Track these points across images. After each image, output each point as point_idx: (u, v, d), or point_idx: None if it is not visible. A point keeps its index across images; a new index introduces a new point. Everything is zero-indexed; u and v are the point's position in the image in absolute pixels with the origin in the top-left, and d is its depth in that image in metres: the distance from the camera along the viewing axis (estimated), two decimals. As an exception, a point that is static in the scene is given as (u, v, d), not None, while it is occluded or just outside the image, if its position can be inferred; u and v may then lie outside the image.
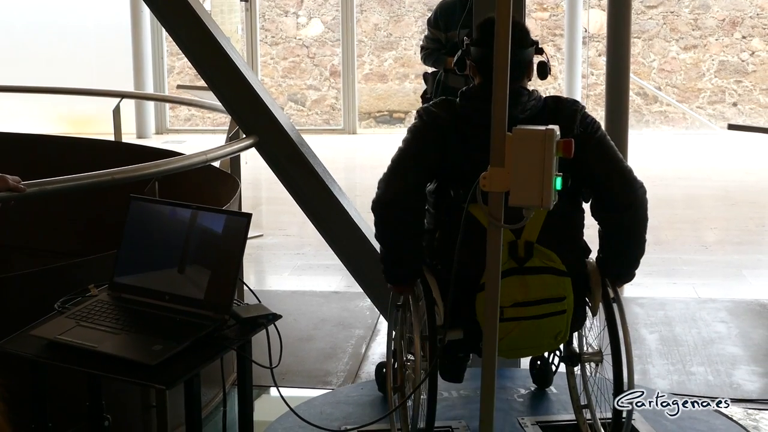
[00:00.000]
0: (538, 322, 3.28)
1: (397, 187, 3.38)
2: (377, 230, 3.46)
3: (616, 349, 3.35)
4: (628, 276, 3.56)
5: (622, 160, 3.44)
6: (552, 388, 4.26)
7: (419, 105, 6.05)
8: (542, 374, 4.27)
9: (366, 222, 4.98)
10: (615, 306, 3.42)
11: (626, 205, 3.40)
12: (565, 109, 3.39)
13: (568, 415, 3.93)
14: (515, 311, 3.23)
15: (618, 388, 3.37)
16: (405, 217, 3.39)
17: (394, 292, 3.63)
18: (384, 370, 4.14)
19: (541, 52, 3.45)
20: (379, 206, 3.41)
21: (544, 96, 3.45)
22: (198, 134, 13.22)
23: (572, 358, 3.72)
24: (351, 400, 4.22)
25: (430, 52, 6.11)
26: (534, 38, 3.46)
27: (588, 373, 3.77)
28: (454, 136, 3.35)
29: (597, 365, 3.64)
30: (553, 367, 4.16)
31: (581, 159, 3.23)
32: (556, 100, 3.45)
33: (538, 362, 4.28)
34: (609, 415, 3.51)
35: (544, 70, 3.46)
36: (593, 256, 3.55)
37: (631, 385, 3.39)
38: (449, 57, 5.79)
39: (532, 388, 4.29)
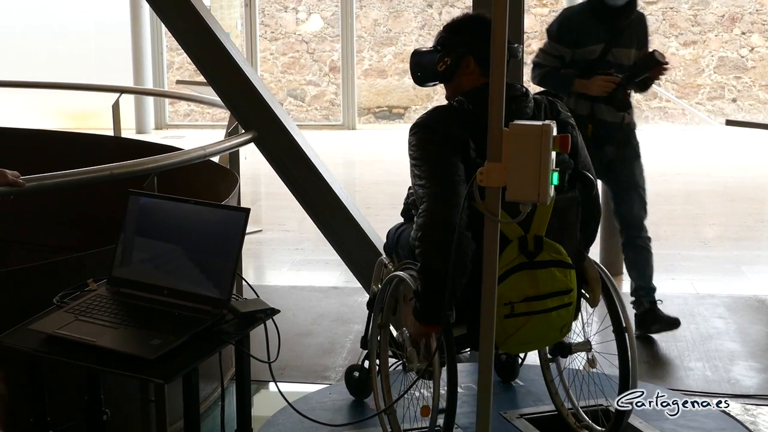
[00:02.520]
0: (547, 315, 3.30)
1: (451, 204, 3.10)
2: (431, 261, 3.11)
3: (622, 343, 3.38)
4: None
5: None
6: (518, 380, 4.23)
7: (419, 101, 5.93)
8: (509, 367, 4.23)
9: (364, 218, 4.99)
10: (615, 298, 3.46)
11: (596, 215, 3.56)
12: (559, 109, 3.44)
13: (548, 406, 3.92)
14: (526, 306, 3.24)
15: (624, 381, 3.42)
16: (465, 241, 3.11)
17: (421, 331, 3.25)
18: (355, 373, 4.12)
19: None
20: (436, 232, 3.10)
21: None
22: (197, 129, 13.23)
23: (563, 349, 3.71)
24: (349, 396, 4.22)
25: (548, 71, 4.99)
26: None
27: (579, 365, 3.78)
28: (462, 138, 3.27)
29: (587, 355, 3.65)
30: (520, 360, 4.16)
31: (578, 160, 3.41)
32: (549, 98, 3.46)
33: (503, 355, 4.16)
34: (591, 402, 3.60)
35: None
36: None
37: (635, 379, 3.41)
38: (579, 79, 4.90)
39: (497, 380, 4.17)
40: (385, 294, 3.60)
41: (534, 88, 3.69)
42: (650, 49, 5.03)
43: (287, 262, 6.89)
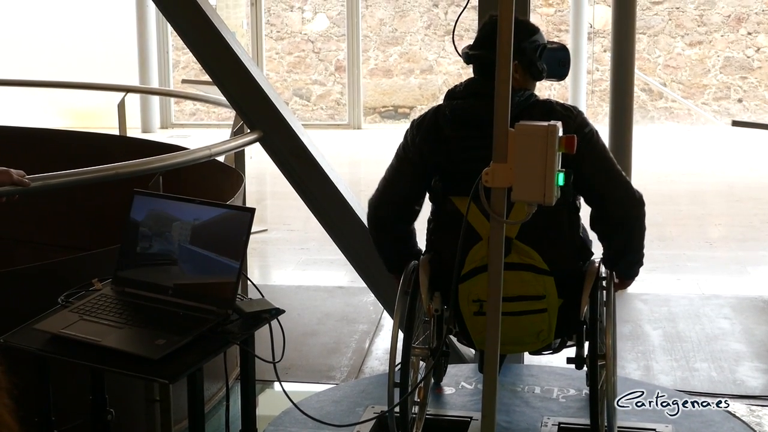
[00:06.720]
0: (516, 318, 3.26)
1: (387, 210, 3.59)
2: (369, 228, 3.70)
3: (593, 355, 3.29)
4: (628, 276, 3.55)
5: (620, 173, 3.38)
6: None
7: (424, 100, 5.85)
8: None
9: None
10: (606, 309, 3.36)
11: (622, 223, 3.38)
12: (556, 115, 3.27)
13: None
14: None
15: (592, 394, 3.29)
16: (398, 231, 3.62)
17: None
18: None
19: (522, 52, 3.29)
20: (371, 225, 3.66)
21: (548, 98, 3.41)
22: (203, 129, 13.24)
23: (577, 361, 3.63)
24: (354, 396, 4.22)
25: None
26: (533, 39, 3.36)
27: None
28: (434, 136, 3.38)
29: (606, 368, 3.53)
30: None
31: (577, 170, 3.24)
32: (550, 104, 3.36)
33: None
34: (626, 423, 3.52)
35: (529, 70, 3.36)
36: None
37: (609, 392, 3.31)
38: None
39: (585, 391, 4.00)
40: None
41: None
42: None
43: (292, 262, 6.89)
